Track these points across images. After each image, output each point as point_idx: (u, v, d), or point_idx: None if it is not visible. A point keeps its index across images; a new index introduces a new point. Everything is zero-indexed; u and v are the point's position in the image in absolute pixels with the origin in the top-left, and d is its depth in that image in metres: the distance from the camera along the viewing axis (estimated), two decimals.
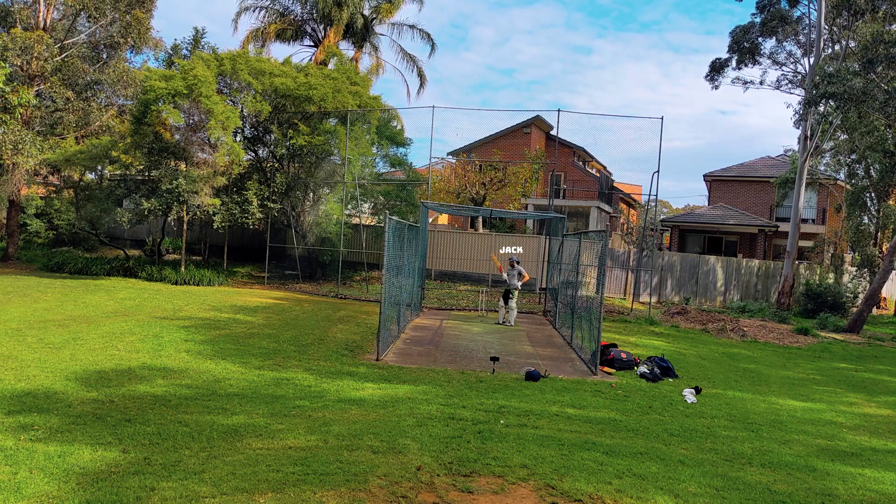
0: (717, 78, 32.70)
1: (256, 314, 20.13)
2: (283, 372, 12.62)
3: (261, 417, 9.44)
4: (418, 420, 9.58)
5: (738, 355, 19.02)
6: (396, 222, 15.95)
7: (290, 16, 40.10)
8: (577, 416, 10.46)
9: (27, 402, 9.48)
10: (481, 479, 7.25)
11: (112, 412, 9.24)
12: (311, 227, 30.07)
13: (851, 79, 23.81)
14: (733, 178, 45.79)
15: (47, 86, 30.32)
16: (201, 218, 29.72)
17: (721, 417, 11.28)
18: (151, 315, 18.39)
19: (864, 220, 34.22)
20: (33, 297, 20.77)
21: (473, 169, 37.56)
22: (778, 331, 24.02)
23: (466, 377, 13.07)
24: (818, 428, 11.11)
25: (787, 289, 29.22)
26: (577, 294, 18.25)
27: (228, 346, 14.89)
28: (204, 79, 25.37)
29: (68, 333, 14.89)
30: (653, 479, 7.68)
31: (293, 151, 29.39)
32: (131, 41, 32.24)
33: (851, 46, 27.58)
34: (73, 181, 32.47)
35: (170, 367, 12.39)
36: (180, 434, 8.41)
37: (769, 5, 30.72)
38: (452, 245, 31.54)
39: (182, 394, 10.51)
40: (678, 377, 14.64)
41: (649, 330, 22.98)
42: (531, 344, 18.19)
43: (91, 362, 12.20)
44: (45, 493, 6.44)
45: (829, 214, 41.31)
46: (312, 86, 27.08)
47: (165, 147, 26.88)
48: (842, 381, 16.22)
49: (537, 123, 45.02)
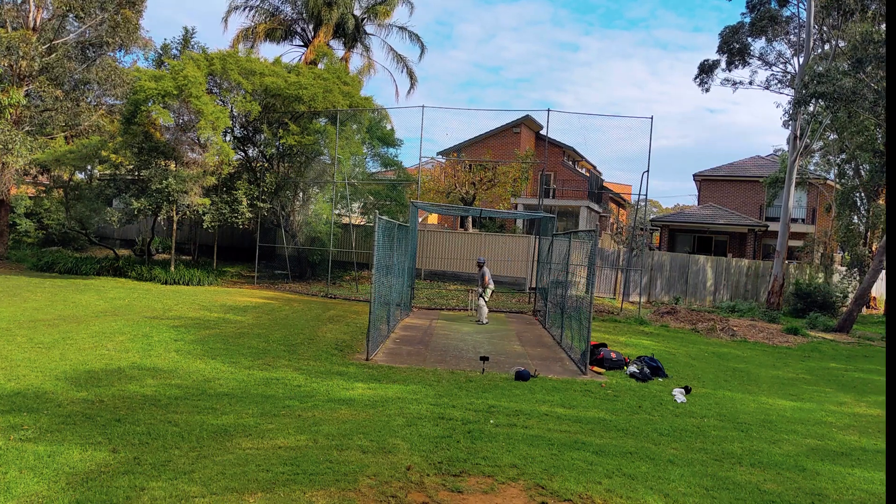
0: (707, 80, 32.73)
1: (246, 314, 20.10)
2: (273, 372, 12.60)
3: (250, 417, 9.42)
4: (408, 420, 9.58)
5: (728, 355, 19.07)
6: (386, 222, 15.94)
7: (280, 15, 40.04)
8: (566, 416, 10.48)
9: (17, 402, 9.45)
10: (471, 479, 7.26)
11: (102, 412, 9.21)
12: (300, 226, 30.04)
13: (841, 78, 23.89)
14: (723, 177, 45.93)
15: (35, 85, 30.21)
16: (191, 218, 29.67)
17: (711, 417, 11.31)
18: (141, 315, 18.35)
19: (853, 220, 34.38)
20: (23, 296, 20.70)
21: (463, 168, 37.57)
22: (768, 330, 24.09)
23: (456, 377, 13.07)
24: (808, 427, 11.15)
25: (777, 288, 29.30)
26: (567, 294, 18.25)
27: (218, 345, 14.87)
28: (194, 79, 25.31)
29: (58, 333, 14.84)
30: (642, 478, 7.69)
31: (283, 151, 29.36)
32: (120, 40, 32.16)
33: (841, 46, 27.66)
34: (63, 181, 32.34)
35: (159, 366, 12.36)
36: (170, 434, 8.39)
37: (759, 5, 30.78)
38: (442, 245, 31.55)
39: (172, 394, 10.49)
40: (668, 377, 14.67)
41: (639, 330, 23.01)
42: (521, 343, 18.20)
43: (81, 362, 12.16)
44: (35, 493, 6.42)
45: (818, 214, 41.46)
46: (303, 85, 27.06)
47: (155, 147, 26.82)
48: (831, 380, 16.28)
49: (527, 123, 45.03)
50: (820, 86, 24.18)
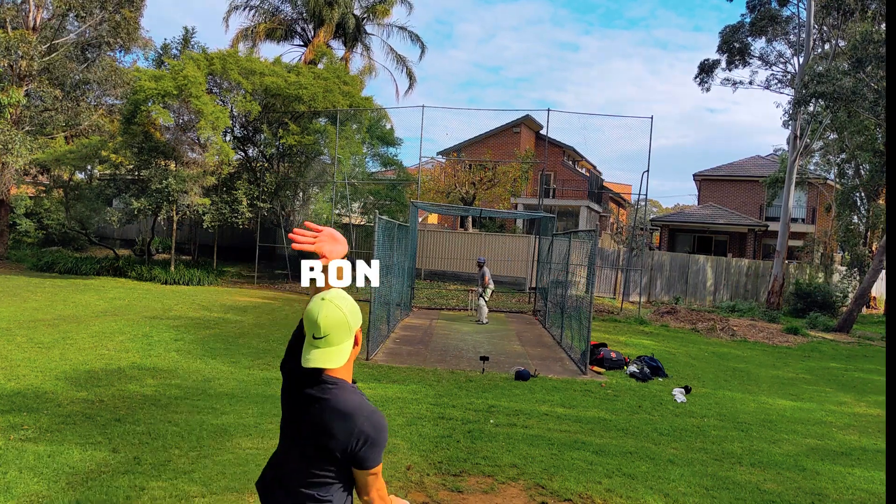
0: (707, 80, 32.80)
1: (246, 314, 20.11)
2: (273, 371, 12.59)
3: (251, 417, 9.42)
4: (408, 419, 9.58)
5: (728, 355, 19.07)
6: (386, 222, 15.94)
7: (281, 15, 40.02)
8: (566, 416, 10.48)
9: (17, 402, 9.44)
10: (471, 479, 7.26)
11: (102, 412, 9.21)
12: (300, 226, 29.97)
13: (841, 78, 23.89)
14: (723, 177, 45.93)
15: (35, 85, 30.21)
16: (191, 217, 29.66)
17: (711, 417, 11.31)
18: (141, 315, 18.35)
19: (853, 220, 34.39)
20: (23, 296, 20.70)
21: (463, 168, 37.57)
22: (768, 330, 24.09)
23: (456, 377, 13.07)
24: (808, 427, 11.15)
25: (777, 288, 29.30)
26: (567, 293, 18.26)
27: (218, 345, 14.87)
28: (194, 79, 25.30)
29: (58, 333, 14.84)
30: (642, 478, 7.70)
31: (283, 151, 29.37)
32: (120, 41, 32.16)
33: (841, 46, 27.67)
34: (63, 181, 32.33)
35: (159, 366, 12.36)
36: (170, 434, 8.39)
37: (759, 5, 30.81)
38: (442, 245, 31.56)
39: (172, 393, 10.48)
40: (668, 376, 14.67)
41: (639, 329, 23.02)
42: (521, 343, 18.20)
43: (81, 362, 12.15)
44: (35, 493, 6.42)
45: (818, 214, 41.46)
46: (303, 85, 27.06)
47: (155, 147, 26.81)
48: (832, 380, 16.28)
49: (527, 123, 45.01)
50: (820, 86, 24.18)
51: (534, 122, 44.25)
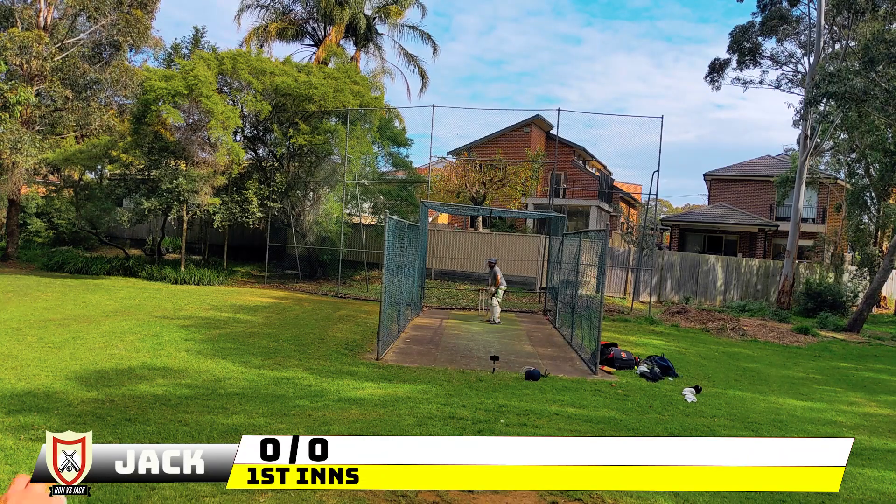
0: (718, 79, 32.77)
1: (256, 313, 20.14)
2: (283, 371, 12.62)
3: (261, 417, 9.44)
4: (418, 419, 9.58)
5: (738, 354, 19.02)
6: (396, 221, 15.96)
7: (292, 15, 40.07)
8: (577, 416, 10.46)
9: (27, 402, 9.48)
10: None
11: (112, 411, 9.24)
12: (311, 226, 30.03)
13: (852, 78, 23.78)
14: (733, 177, 45.78)
15: (46, 84, 30.31)
16: (201, 217, 29.71)
17: (721, 416, 11.28)
18: (151, 314, 18.40)
19: (864, 220, 34.23)
20: (33, 296, 20.78)
21: (473, 168, 37.56)
22: (778, 330, 24.02)
23: (466, 376, 13.07)
24: (818, 427, 11.11)
25: (787, 288, 29.21)
26: (577, 293, 18.23)
27: (228, 345, 14.89)
28: (204, 79, 25.34)
29: (68, 333, 14.89)
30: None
31: (293, 151, 29.39)
32: (131, 40, 32.22)
33: (852, 46, 27.57)
34: (73, 180, 32.46)
35: (170, 366, 12.39)
36: (180, 433, 8.41)
37: (770, 4, 30.73)
38: (452, 244, 31.55)
39: (182, 393, 10.51)
40: (678, 376, 14.64)
41: (649, 329, 22.98)
42: (531, 343, 18.19)
43: (91, 362, 12.19)
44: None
45: (829, 214, 41.30)
46: (313, 85, 27.05)
47: (165, 146, 26.86)
48: (842, 380, 16.22)
49: (537, 122, 44.96)
50: (831, 85, 24.08)
51: (544, 121, 44.21)
